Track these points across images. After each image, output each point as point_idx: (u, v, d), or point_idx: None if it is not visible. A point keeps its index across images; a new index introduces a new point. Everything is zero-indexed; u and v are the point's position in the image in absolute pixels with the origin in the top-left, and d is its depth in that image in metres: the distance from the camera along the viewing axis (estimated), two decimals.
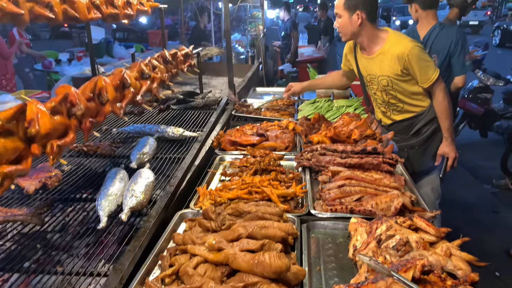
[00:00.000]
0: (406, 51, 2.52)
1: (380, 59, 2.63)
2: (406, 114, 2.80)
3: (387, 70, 2.62)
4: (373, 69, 2.70)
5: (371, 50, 2.67)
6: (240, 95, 4.02)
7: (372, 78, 2.76)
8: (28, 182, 1.84)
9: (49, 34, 24.24)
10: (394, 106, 2.81)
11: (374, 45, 2.65)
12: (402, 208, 1.69)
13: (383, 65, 2.63)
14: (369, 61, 2.71)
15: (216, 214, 1.56)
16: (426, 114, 2.75)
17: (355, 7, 2.52)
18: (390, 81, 2.66)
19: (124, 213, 1.53)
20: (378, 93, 2.81)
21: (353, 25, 2.57)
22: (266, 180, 1.94)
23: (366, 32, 2.61)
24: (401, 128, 2.83)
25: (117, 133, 2.67)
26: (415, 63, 2.53)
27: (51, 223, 1.66)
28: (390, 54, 2.57)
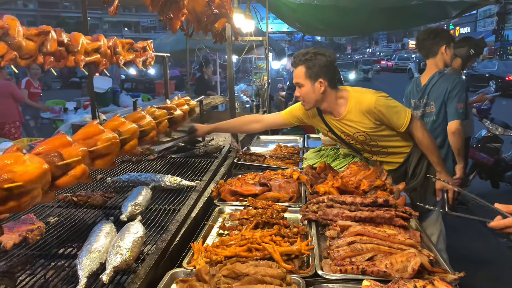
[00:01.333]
0: (372, 104, 2.51)
1: (349, 118, 2.62)
2: (392, 156, 2.76)
3: (360, 127, 2.61)
4: (346, 129, 2.68)
5: (338, 112, 2.66)
6: (243, 143, 3.92)
7: (348, 135, 2.73)
8: (7, 236, 1.67)
9: (60, 85, 24.93)
10: (378, 152, 2.77)
11: (338, 107, 2.64)
12: (420, 269, 1.49)
13: (354, 123, 2.61)
14: (339, 123, 2.69)
15: (210, 276, 1.38)
16: (414, 153, 2.73)
17: (317, 75, 2.52)
18: (366, 135, 2.64)
19: (106, 273, 1.36)
20: (358, 145, 2.79)
21: (316, 92, 2.56)
22: (268, 235, 1.76)
23: (329, 98, 2.61)
24: (398, 175, 2.76)
25: (112, 182, 2.53)
26: (386, 112, 2.53)
27: (28, 282, 1.48)
28: (358, 111, 2.56)
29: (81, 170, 1.26)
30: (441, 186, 2.73)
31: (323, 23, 6.81)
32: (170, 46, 9.40)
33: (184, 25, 2.25)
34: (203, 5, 2.00)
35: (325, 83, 2.54)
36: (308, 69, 2.53)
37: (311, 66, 2.52)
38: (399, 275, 1.47)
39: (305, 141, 4.10)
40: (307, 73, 2.53)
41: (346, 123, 2.65)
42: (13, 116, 6.71)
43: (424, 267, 1.52)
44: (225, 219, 2.17)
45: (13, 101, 6.71)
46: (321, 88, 2.54)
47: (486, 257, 4.49)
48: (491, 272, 4.15)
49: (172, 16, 1.75)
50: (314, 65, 2.52)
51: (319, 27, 7.24)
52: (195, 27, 2.26)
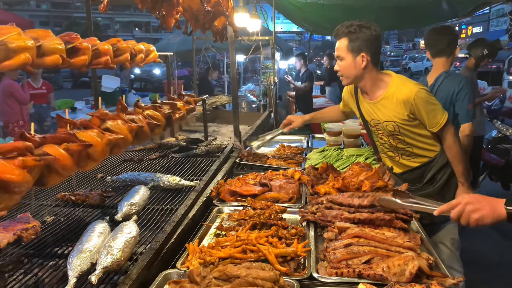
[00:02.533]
0: (412, 95, 2.38)
1: (384, 104, 2.48)
2: (416, 158, 2.63)
3: (393, 116, 2.47)
4: (377, 115, 2.55)
5: (374, 95, 2.53)
6: (247, 142, 3.89)
7: (377, 123, 2.60)
8: (1, 234, 1.66)
9: (71, 84, 25.20)
10: (403, 151, 2.63)
11: (377, 89, 2.51)
12: (418, 273, 1.45)
13: (388, 110, 2.48)
14: (372, 106, 2.56)
15: (201, 277, 1.36)
16: (438, 159, 2.59)
17: (359, 49, 2.39)
18: (396, 126, 2.50)
19: (95, 274, 1.34)
20: (384, 137, 2.64)
21: (357, 67, 2.43)
22: (264, 236, 1.73)
23: (370, 76, 2.48)
24: (413, 177, 2.65)
25: (111, 181, 2.53)
26: (422, 107, 2.39)
27: (19, 281, 1.47)
28: (395, 99, 2.43)
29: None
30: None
31: (330, 22, 6.74)
32: (177, 46, 9.42)
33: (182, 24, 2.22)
34: (199, 3, 1.98)
35: (367, 58, 2.40)
36: (350, 42, 2.39)
37: (354, 39, 2.38)
38: (396, 279, 1.43)
39: (310, 141, 4.06)
40: (350, 46, 2.40)
41: (379, 108, 2.51)
42: (16, 116, 6.80)
43: (423, 271, 1.47)
44: (223, 220, 2.15)
45: (15, 101, 6.79)
46: (363, 63, 2.40)
47: (494, 260, 4.41)
48: (499, 276, 4.06)
49: (165, 13, 1.73)
50: (358, 37, 2.38)
51: (327, 26, 7.17)
52: (192, 25, 2.24)
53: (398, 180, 2.62)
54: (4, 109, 6.74)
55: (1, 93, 6.75)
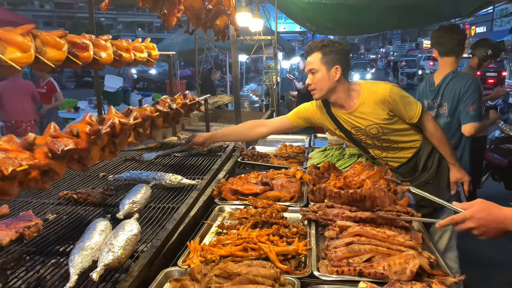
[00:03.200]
0: (387, 92, 2.46)
1: (361, 110, 2.55)
2: (404, 152, 2.69)
3: (374, 118, 2.53)
4: (358, 122, 2.60)
5: (349, 105, 2.59)
6: (249, 142, 3.89)
7: (359, 130, 2.65)
8: (4, 232, 1.68)
9: (74, 84, 25.29)
10: (389, 147, 2.70)
11: (351, 99, 2.58)
12: (419, 271, 1.45)
13: (367, 115, 2.54)
14: (350, 116, 2.61)
15: (202, 275, 1.36)
16: (424, 147, 2.67)
17: (333, 62, 2.48)
18: (379, 127, 2.56)
19: (97, 271, 1.34)
20: (368, 141, 2.70)
21: (331, 80, 2.50)
22: (265, 235, 1.73)
23: (342, 88, 2.55)
24: (409, 169, 2.71)
25: (113, 180, 2.53)
26: (400, 102, 2.48)
27: (21, 278, 1.48)
28: (371, 102, 2.50)
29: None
30: (455, 178, 2.68)
31: (332, 21, 6.75)
32: (179, 45, 9.43)
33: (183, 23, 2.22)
34: (201, 2, 1.98)
35: (340, 71, 2.49)
36: (324, 55, 2.48)
37: (328, 52, 2.48)
38: (397, 277, 1.43)
39: (312, 141, 4.06)
40: (323, 59, 2.48)
41: (358, 116, 2.57)
42: (29, 115, 6.83)
43: (424, 270, 1.47)
44: (224, 218, 2.15)
45: (30, 100, 6.82)
46: (336, 75, 2.48)
47: (498, 261, 4.39)
48: (503, 276, 4.05)
49: (166, 12, 1.73)
50: (331, 51, 2.48)
51: (329, 26, 7.17)
52: (193, 24, 2.24)
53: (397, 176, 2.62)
54: (17, 108, 6.70)
55: (16, 92, 6.68)
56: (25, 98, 6.76)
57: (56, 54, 1.41)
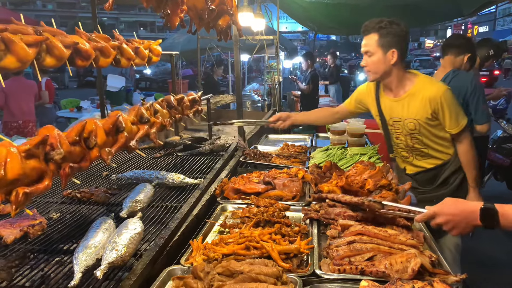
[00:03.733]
0: (439, 93, 2.40)
1: (409, 101, 2.48)
2: (430, 160, 2.63)
3: (416, 113, 2.47)
4: (399, 112, 2.54)
5: (399, 92, 2.53)
6: (251, 141, 3.90)
7: (396, 122, 2.59)
8: (8, 230, 1.70)
9: (76, 84, 25.33)
10: (418, 151, 2.62)
11: (402, 86, 2.51)
12: (420, 270, 1.46)
13: (411, 108, 2.48)
14: (394, 103, 2.55)
15: (205, 273, 1.37)
16: (452, 163, 2.60)
17: (390, 45, 2.39)
18: (417, 124, 2.49)
19: (101, 269, 1.35)
20: (401, 137, 2.63)
21: (386, 63, 2.42)
22: (267, 233, 1.74)
23: (397, 72, 2.48)
24: (426, 178, 2.66)
25: (116, 179, 2.55)
26: (447, 107, 2.41)
27: (25, 276, 1.49)
28: (421, 96, 2.43)
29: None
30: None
31: (334, 21, 6.76)
32: (182, 45, 9.45)
33: (186, 23, 2.23)
34: (204, 2, 1.99)
35: (397, 55, 2.41)
36: (381, 37, 2.39)
37: (385, 34, 2.38)
38: (398, 276, 1.43)
39: (314, 140, 4.07)
40: (380, 41, 2.40)
41: (403, 105, 2.51)
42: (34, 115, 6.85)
43: (425, 268, 1.48)
44: (227, 217, 2.16)
45: (34, 100, 6.85)
46: (393, 59, 2.40)
47: (500, 260, 4.39)
48: (504, 276, 4.04)
49: (169, 12, 1.74)
50: (389, 33, 2.38)
51: (331, 25, 7.19)
52: (196, 24, 2.25)
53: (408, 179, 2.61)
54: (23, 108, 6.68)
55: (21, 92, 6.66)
56: (30, 98, 6.78)
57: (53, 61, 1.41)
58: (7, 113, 6.59)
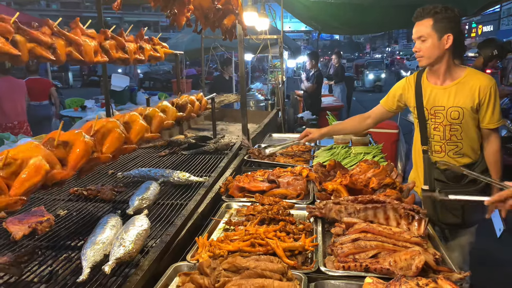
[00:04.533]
0: (491, 84, 2.42)
1: (456, 89, 2.49)
2: (461, 158, 2.61)
3: (462, 101, 2.47)
4: (444, 100, 2.53)
5: (445, 80, 2.53)
6: (255, 140, 3.92)
7: (438, 111, 2.57)
8: (17, 227, 1.72)
9: (80, 83, 25.41)
10: (452, 146, 2.61)
11: (450, 74, 2.52)
12: (424, 267, 1.47)
13: (458, 96, 2.48)
14: (440, 91, 2.55)
15: (211, 269, 1.39)
16: (479, 164, 2.61)
17: (445, 29, 2.38)
18: (462, 113, 2.49)
19: (109, 264, 1.38)
20: (440, 127, 2.60)
21: (441, 48, 2.41)
22: (272, 231, 1.76)
23: (448, 59, 2.48)
24: (455, 176, 2.62)
25: (122, 177, 2.57)
26: (493, 99, 2.44)
27: (34, 272, 1.51)
28: (471, 85, 2.45)
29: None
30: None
31: (338, 20, 6.76)
32: (185, 44, 9.46)
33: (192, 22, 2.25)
34: (210, 1, 2.00)
35: (452, 39, 2.40)
36: (436, 22, 2.38)
37: (440, 19, 2.38)
38: (403, 273, 1.45)
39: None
40: (435, 26, 2.38)
41: (450, 93, 2.51)
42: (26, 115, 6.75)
43: (429, 266, 1.49)
44: (232, 215, 2.18)
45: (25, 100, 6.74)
46: (447, 44, 2.39)
47: (502, 259, 4.37)
48: (508, 274, 4.04)
49: (176, 12, 1.76)
50: (444, 18, 2.37)
51: (335, 25, 7.18)
52: (202, 23, 2.27)
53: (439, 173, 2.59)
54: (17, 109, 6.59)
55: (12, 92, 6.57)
56: (22, 97, 6.65)
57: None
58: (1, 114, 6.40)
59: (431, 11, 2.39)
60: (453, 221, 2.58)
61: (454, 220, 2.57)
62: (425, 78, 2.62)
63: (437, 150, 2.64)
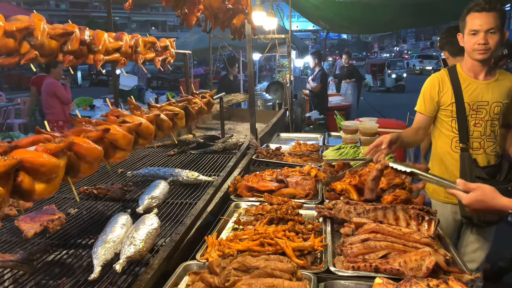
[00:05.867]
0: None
1: (498, 84, 2.54)
2: (495, 154, 2.61)
3: (503, 95, 2.53)
4: (488, 95, 2.54)
5: (487, 75, 2.56)
6: (263, 140, 3.92)
7: (481, 106, 2.56)
8: (29, 225, 1.74)
9: (89, 82, 25.60)
10: (491, 141, 2.60)
11: (489, 70, 2.56)
12: (435, 268, 1.46)
13: (502, 90, 2.54)
14: (484, 87, 2.55)
15: (221, 268, 1.39)
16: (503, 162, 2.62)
17: (503, 25, 2.44)
18: (503, 107, 2.54)
19: (119, 263, 1.39)
20: (481, 123, 2.57)
21: (500, 43, 2.45)
22: (281, 230, 1.76)
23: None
24: (493, 172, 2.60)
25: (132, 176, 2.59)
26: None
27: (45, 269, 1.53)
28: (506, 82, 2.54)
29: None
30: None
31: (347, 20, 6.74)
32: (193, 44, 9.49)
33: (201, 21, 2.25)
34: (220, 1, 2.01)
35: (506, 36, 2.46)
36: (501, 17, 2.42)
37: (503, 16, 2.43)
38: (413, 274, 1.44)
39: (326, 139, 4.07)
40: (501, 20, 2.42)
41: (493, 88, 2.54)
42: (56, 115, 6.81)
43: (440, 267, 1.48)
44: (240, 214, 2.18)
45: (57, 100, 6.77)
46: (504, 39, 2.44)
47: None
48: None
49: (187, 11, 1.77)
50: (503, 14, 2.44)
51: (343, 24, 7.16)
52: (211, 23, 2.27)
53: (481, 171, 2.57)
54: (46, 109, 6.82)
55: (43, 92, 6.78)
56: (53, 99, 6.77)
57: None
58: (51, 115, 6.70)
59: (497, 5, 2.40)
60: (490, 218, 2.53)
61: (493, 217, 2.53)
62: (463, 73, 2.60)
63: (475, 147, 2.60)
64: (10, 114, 10.16)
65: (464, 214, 2.57)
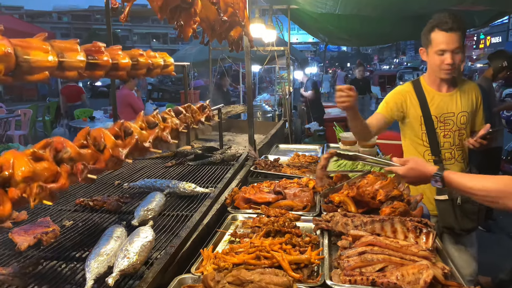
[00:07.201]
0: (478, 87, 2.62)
1: (460, 94, 2.59)
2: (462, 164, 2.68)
3: (468, 105, 2.59)
4: (453, 107, 2.59)
5: (450, 86, 2.62)
6: (262, 151, 3.91)
7: (448, 117, 2.60)
8: (22, 237, 1.72)
9: (90, 94, 25.72)
10: (460, 151, 2.65)
11: (450, 81, 2.61)
12: (433, 282, 1.44)
13: (464, 100, 2.59)
14: (448, 98, 2.60)
15: (215, 282, 1.37)
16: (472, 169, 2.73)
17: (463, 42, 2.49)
18: (468, 117, 2.60)
19: (112, 276, 1.37)
20: (450, 133, 2.60)
21: (463, 59, 2.59)
22: (277, 243, 1.74)
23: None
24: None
25: (128, 187, 2.57)
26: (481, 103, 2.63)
27: (37, 283, 1.51)
28: (468, 88, 2.59)
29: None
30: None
31: (346, 32, 6.78)
32: (193, 56, 9.55)
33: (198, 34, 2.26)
34: (216, 13, 2.02)
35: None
36: (463, 35, 2.45)
37: (465, 33, 2.49)
38: (410, 287, 1.42)
39: (325, 150, 4.06)
40: (463, 38, 2.45)
41: (456, 99, 2.59)
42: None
43: (438, 280, 1.46)
44: (237, 227, 2.16)
45: (131, 110, 6.85)
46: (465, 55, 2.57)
47: None
48: None
49: (182, 23, 1.78)
50: (465, 31, 2.49)
51: (342, 36, 7.21)
52: (208, 35, 2.29)
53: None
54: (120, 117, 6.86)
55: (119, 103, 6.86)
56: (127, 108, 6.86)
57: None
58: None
59: (461, 24, 2.42)
60: (470, 226, 2.57)
61: (472, 225, 2.57)
62: (427, 86, 2.63)
63: (447, 158, 2.63)
64: (10, 126, 10.20)
65: (444, 224, 2.59)
